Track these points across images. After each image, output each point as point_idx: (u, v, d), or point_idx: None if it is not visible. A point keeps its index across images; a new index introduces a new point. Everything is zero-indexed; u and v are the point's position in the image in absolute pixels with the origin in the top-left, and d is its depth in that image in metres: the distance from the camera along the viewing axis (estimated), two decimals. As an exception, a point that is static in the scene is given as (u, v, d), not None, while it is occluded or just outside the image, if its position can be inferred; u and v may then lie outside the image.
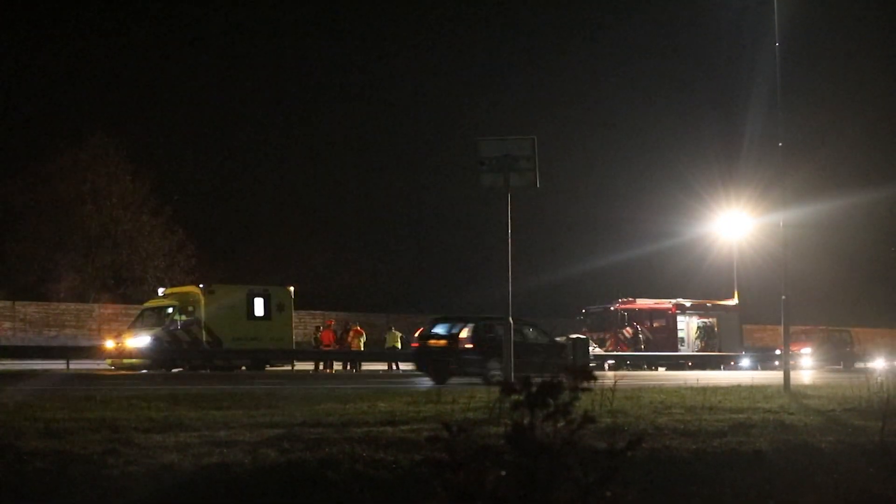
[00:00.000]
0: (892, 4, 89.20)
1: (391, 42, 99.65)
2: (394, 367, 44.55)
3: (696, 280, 61.97)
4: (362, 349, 45.15)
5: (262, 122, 79.83)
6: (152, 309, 41.20)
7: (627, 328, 52.77)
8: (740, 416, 14.67)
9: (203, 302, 40.02)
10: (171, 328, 39.66)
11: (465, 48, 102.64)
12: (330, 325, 46.22)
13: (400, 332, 46.73)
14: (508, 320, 23.76)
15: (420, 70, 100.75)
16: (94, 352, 39.37)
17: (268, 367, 40.58)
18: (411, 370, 35.94)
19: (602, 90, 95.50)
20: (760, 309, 54.91)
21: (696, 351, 54.00)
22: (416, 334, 33.42)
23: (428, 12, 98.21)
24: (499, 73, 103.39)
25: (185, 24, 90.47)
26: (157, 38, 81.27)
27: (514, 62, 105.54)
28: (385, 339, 46.83)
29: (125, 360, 37.91)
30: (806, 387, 24.36)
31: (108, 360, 38.54)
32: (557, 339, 47.43)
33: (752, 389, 20.73)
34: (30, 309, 49.38)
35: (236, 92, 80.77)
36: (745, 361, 52.64)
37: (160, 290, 43.66)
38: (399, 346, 45.99)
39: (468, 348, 30.18)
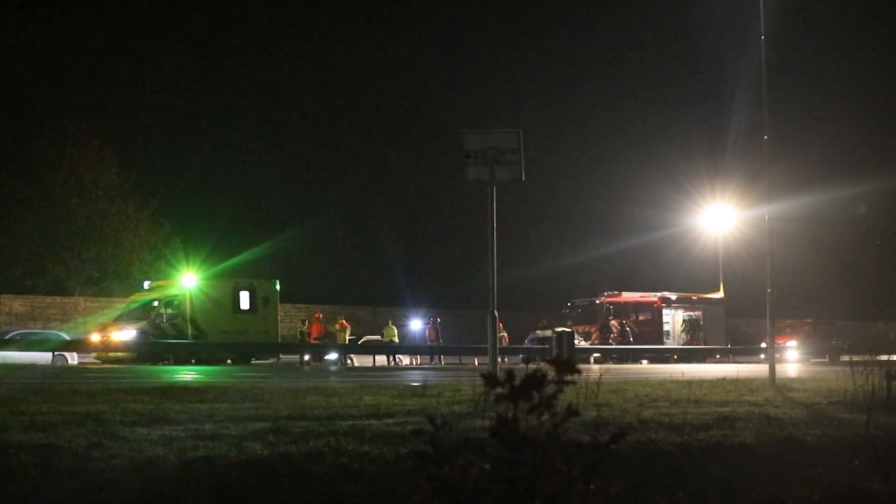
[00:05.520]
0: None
1: (373, 34, 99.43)
2: (393, 360, 44.67)
3: (681, 273, 61.99)
4: (347, 342, 45.17)
5: (247, 114, 79.53)
6: (138, 302, 41.18)
7: (613, 321, 52.75)
8: (725, 409, 14.69)
9: (189, 295, 39.99)
10: (157, 321, 39.63)
11: (449, 41, 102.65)
12: (319, 318, 46.23)
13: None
14: (493, 313, 23.71)
15: (404, 62, 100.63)
16: (79, 345, 39.24)
17: (253, 361, 40.57)
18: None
19: (587, 83, 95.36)
20: (746, 302, 54.97)
21: (682, 344, 54.04)
22: None
23: (411, 3, 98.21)
24: (484, 65, 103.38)
25: (168, 16, 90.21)
26: (142, 29, 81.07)
27: (499, 55, 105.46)
28: (382, 333, 46.95)
29: (111, 354, 37.86)
30: (791, 380, 24.38)
31: (94, 354, 38.48)
32: (539, 331, 47.63)
33: (738, 383, 20.74)
34: (15, 303, 49.17)
35: (221, 84, 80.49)
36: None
37: (146, 284, 43.58)
38: (396, 339, 46.12)
39: None
